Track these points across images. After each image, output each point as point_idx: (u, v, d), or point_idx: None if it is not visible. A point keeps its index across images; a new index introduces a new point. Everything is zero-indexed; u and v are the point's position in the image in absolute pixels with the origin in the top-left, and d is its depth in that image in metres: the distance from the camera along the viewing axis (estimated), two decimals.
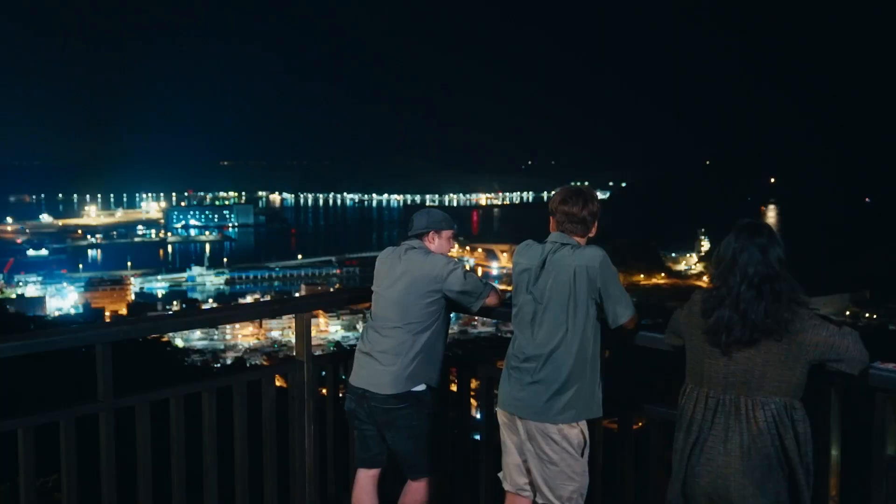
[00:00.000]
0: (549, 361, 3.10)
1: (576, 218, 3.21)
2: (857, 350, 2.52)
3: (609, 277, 3.09)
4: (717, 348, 2.59)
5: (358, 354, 3.62)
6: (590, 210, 3.22)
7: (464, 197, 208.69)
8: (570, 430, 3.13)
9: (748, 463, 2.52)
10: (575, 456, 3.14)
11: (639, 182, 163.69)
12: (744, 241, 2.56)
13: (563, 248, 3.17)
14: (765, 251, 2.53)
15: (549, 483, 3.16)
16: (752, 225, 2.60)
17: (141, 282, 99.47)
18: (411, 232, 3.64)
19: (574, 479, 3.15)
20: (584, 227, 3.23)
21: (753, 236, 2.56)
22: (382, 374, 3.47)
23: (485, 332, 55.32)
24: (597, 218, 3.25)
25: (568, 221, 3.22)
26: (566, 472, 3.13)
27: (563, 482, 3.14)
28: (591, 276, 3.06)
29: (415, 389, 3.48)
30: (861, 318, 70.46)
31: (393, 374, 3.45)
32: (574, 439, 3.14)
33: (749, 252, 2.54)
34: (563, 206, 3.23)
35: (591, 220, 3.23)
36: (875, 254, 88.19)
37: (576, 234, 3.22)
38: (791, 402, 2.54)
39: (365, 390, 3.51)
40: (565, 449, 3.13)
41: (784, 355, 2.50)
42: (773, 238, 2.57)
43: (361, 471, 3.67)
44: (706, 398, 2.63)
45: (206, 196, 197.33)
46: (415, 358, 3.47)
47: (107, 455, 3.28)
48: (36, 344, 3.27)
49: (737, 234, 2.60)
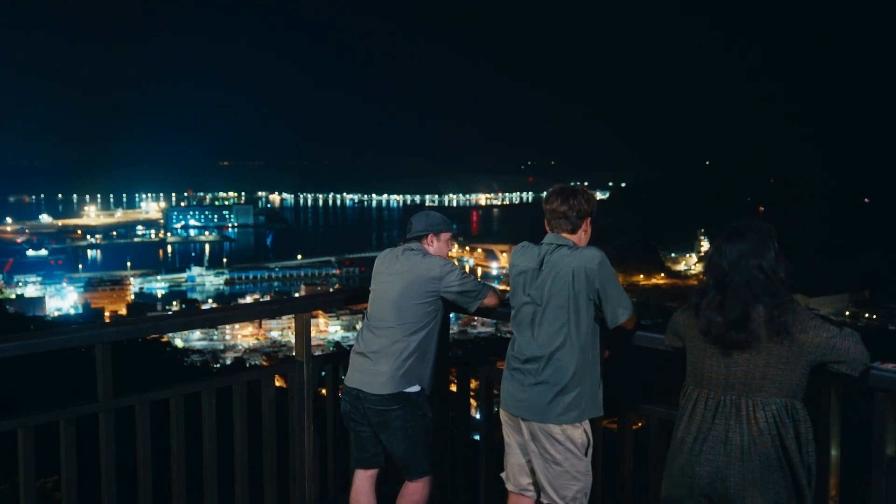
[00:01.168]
0: (551, 362, 3.10)
1: (558, 214, 3.20)
2: (858, 351, 2.52)
3: (607, 278, 3.08)
4: (717, 349, 2.59)
5: (353, 355, 3.62)
6: (572, 206, 3.18)
7: (463, 197, 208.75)
8: (573, 431, 3.13)
9: (748, 463, 2.52)
10: (579, 456, 3.14)
11: (639, 182, 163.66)
12: (740, 242, 2.55)
13: (560, 248, 3.16)
14: (762, 252, 2.52)
15: (554, 483, 3.16)
16: (749, 226, 2.59)
17: (140, 282, 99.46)
18: (410, 234, 3.64)
19: (578, 479, 3.15)
20: (568, 224, 3.20)
21: (751, 236, 2.56)
22: (376, 375, 3.46)
23: (484, 332, 55.37)
24: (586, 215, 3.22)
25: (553, 218, 3.22)
26: (570, 472, 3.13)
27: (568, 482, 3.14)
28: (589, 277, 3.06)
29: (408, 390, 3.47)
30: (860, 318, 70.47)
31: (386, 375, 3.44)
32: (578, 439, 3.14)
33: (746, 252, 2.53)
34: (546, 204, 3.26)
35: (574, 216, 3.19)
36: (874, 254, 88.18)
37: (564, 231, 3.20)
38: (792, 403, 2.54)
39: (359, 391, 3.51)
40: (569, 449, 3.12)
41: (785, 356, 2.49)
42: (772, 238, 2.56)
43: (359, 471, 3.67)
44: (706, 399, 2.63)
45: (205, 196, 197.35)
46: (408, 358, 3.46)
47: (106, 455, 3.28)
48: (35, 344, 3.26)
49: (733, 234, 2.59)
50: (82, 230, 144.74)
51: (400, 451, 3.50)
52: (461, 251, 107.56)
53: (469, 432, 4.14)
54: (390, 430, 3.47)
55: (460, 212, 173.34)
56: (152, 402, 3.42)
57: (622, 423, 3.49)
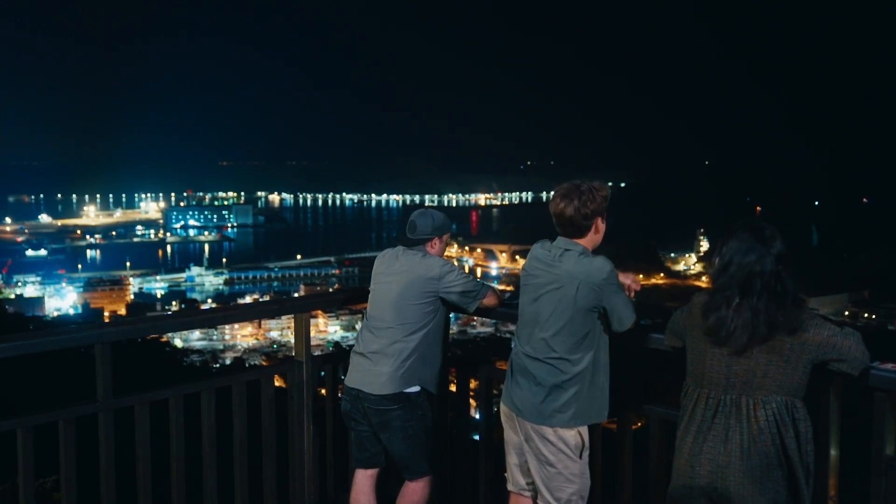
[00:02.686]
0: (549, 364, 3.09)
1: (563, 219, 3.05)
2: (859, 350, 2.53)
3: (613, 293, 3.01)
4: (718, 349, 2.58)
5: (353, 355, 3.62)
6: (577, 208, 3.01)
7: (463, 197, 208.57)
8: (566, 432, 3.10)
9: (748, 462, 2.52)
10: (572, 458, 3.11)
11: (638, 182, 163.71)
12: (742, 241, 2.55)
13: (568, 253, 3.06)
14: (765, 252, 2.52)
15: (548, 485, 3.14)
16: (751, 225, 2.58)
17: (140, 282, 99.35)
18: (414, 235, 3.57)
19: (573, 482, 3.13)
20: (574, 230, 3.06)
21: (754, 236, 2.55)
22: (375, 375, 3.46)
23: (484, 332, 55.30)
24: (594, 217, 3.05)
25: (557, 224, 3.10)
26: (564, 473, 3.12)
27: (562, 484, 3.12)
28: (595, 290, 2.99)
29: (408, 390, 3.47)
30: (860, 318, 70.46)
31: (386, 375, 3.44)
32: (571, 441, 3.11)
33: (749, 252, 2.52)
34: (551, 206, 3.09)
35: (582, 220, 3.03)
36: (874, 254, 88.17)
37: (572, 237, 3.08)
38: (792, 402, 2.54)
39: (359, 391, 3.51)
40: (562, 451, 3.10)
41: (787, 355, 2.50)
42: (774, 238, 2.56)
43: (359, 471, 3.67)
44: (707, 398, 2.63)
45: (205, 196, 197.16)
46: (408, 359, 3.46)
47: (106, 455, 3.27)
48: (35, 344, 3.26)
49: (736, 234, 2.58)
50: (81, 230, 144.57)
51: (400, 450, 3.50)
52: (461, 251, 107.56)
53: (469, 432, 4.15)
54: (390, 429, 3.47)
55: (460, 212, 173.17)
56: (152, 403, 3.42)
57: (622, 423, 3.49)
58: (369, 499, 3.64)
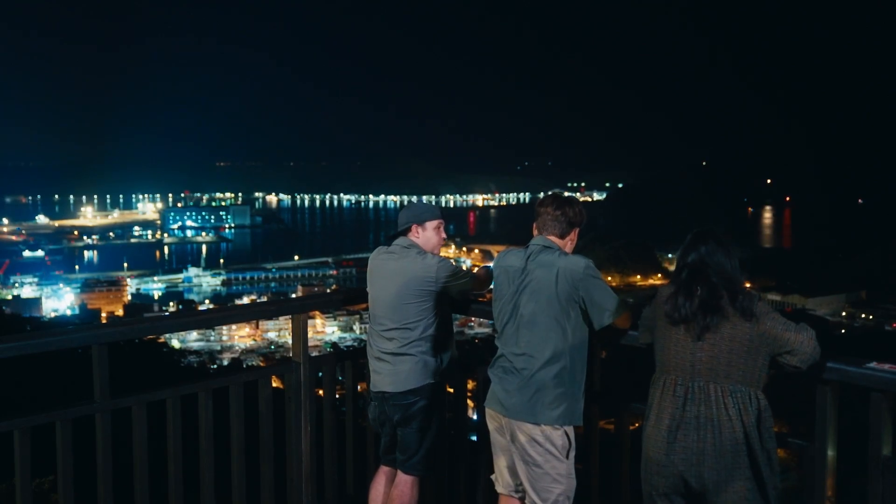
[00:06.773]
0: (533, 364, 3.10)
1: (550, 216, 3.26)
2: (810, 346, 2.68)
3: (592, 284, 3.07)
4: (682, 334, 2.75)
5: (370, 360, 3.68)
6: (565, 212, 3.25)
7: (460, 198, 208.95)
8: (553, 432, 3.11)
9: (720, 449, 2.64)
10: (559, 458, 3.12)
11: (636, 183, 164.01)
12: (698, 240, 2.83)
13: (545, 251, 3.18)
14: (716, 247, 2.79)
15: (535, 485, 3.15)
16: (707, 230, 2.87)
17: (137, 283, 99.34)
18: (397, 230, 3.66)
19: (559, 482, 3.13)
20: (558, 226, 3.25)
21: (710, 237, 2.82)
22: (397, 374, 3.53)
23: (481, 332, 55.34)
24: (576, 225, 3.28)
25: (545, 220, 3.28)
26: (551, 474, 3.12)
27: (549, 485, 3.13)
28: (573, 281, 3.06)
29: (430, 382, 3.55)
30: (857, 318, 70.62)
31: (406, 372, 3.52)
32: (558, 441, 3.12)
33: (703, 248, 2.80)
34: (540, 207, 3.32)
35: (564, 221, 3.25)
36: (870, 255, 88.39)
37: (553, 233, 3.24)
38: (756, 393, 2.69)
39: (384, 392, 3.57)
40: (549, 451, 3.11)
41: (747, 344, 2.67)
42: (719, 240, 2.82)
43: (383, 466, 3.74)
44: (674, 385, 2.76)
45: (202, 197, 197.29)
46: (424, 353, 3.53)
47: (103, 456, 3.27)
48: (32, 345, 3.26)
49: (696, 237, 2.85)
50: (79, 231, 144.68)
51: (409, 441, 3.55)
52: (458, 252, 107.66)
53: (466, 433, 4.15)
54: (410, 421, 3.53)
55: (457, 212, 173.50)
56: (149, 403, 3.41)
57: (619, 423, 3.49)
58: (387, 489, 3.70)
